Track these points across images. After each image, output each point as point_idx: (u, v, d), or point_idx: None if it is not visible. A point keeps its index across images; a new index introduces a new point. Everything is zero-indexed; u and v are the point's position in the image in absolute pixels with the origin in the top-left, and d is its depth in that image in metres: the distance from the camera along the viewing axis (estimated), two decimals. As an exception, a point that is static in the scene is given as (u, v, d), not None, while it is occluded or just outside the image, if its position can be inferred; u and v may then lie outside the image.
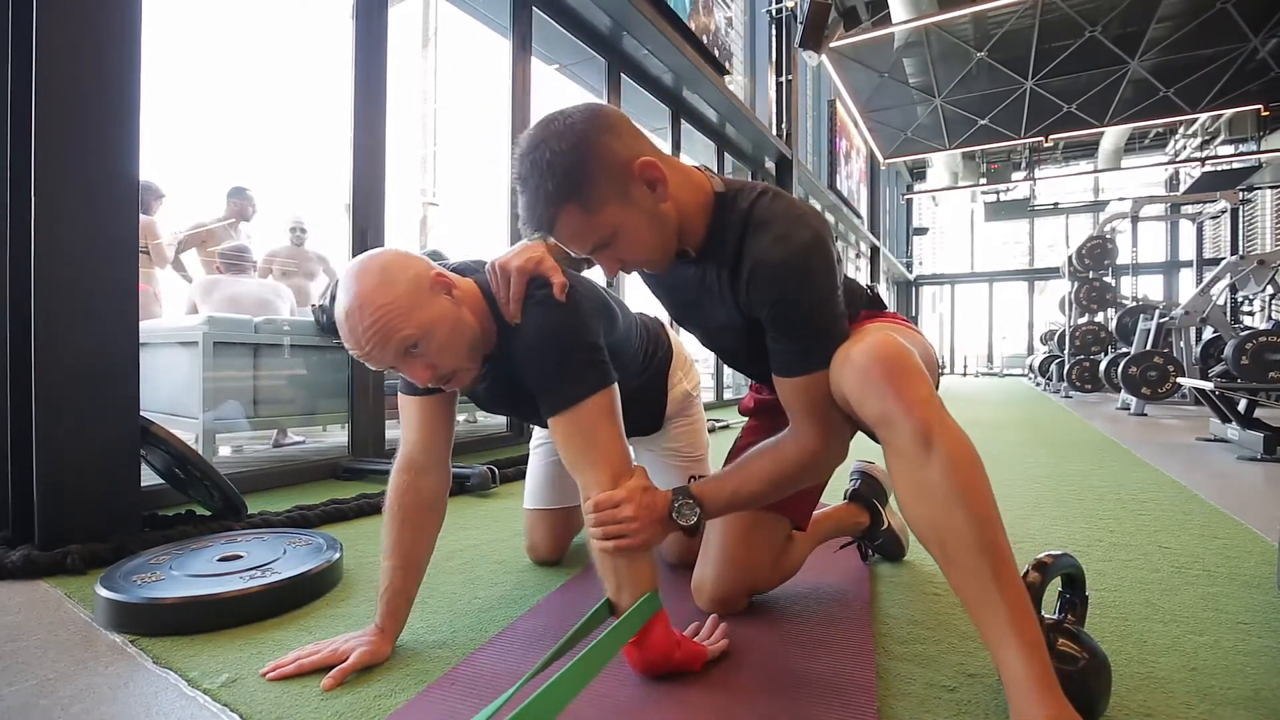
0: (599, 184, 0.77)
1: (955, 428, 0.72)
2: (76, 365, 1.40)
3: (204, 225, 3.48)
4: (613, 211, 0.79)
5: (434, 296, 0.86)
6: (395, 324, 0.82)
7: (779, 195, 0.85)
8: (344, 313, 0.83)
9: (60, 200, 1.38)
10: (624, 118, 0.82)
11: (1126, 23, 9.15)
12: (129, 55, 1.49)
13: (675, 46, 4.36)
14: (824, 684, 0.85)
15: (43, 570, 1.28)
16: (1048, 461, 2.80)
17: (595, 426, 0.86)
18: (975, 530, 0.69)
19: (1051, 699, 0.64)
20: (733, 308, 0.88)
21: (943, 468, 0.70)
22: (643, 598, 0.81)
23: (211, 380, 2.49)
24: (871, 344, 0.76)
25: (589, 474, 0.86)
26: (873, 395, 0.73)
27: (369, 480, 2.32)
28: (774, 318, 0.82)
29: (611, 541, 0.82)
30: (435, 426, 1.02)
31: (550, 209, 0.77)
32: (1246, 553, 1.46)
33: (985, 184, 15.29)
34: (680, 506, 0.87)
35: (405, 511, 0.98)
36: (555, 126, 0.77)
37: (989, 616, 0.68)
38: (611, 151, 0.77)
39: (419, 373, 0.86)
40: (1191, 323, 5.49)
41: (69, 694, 0.83)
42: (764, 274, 0.80)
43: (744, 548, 1.05)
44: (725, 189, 0.88)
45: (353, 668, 0.87)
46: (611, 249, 0.82)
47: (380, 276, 0.83)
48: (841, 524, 1.30)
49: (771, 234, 0.80)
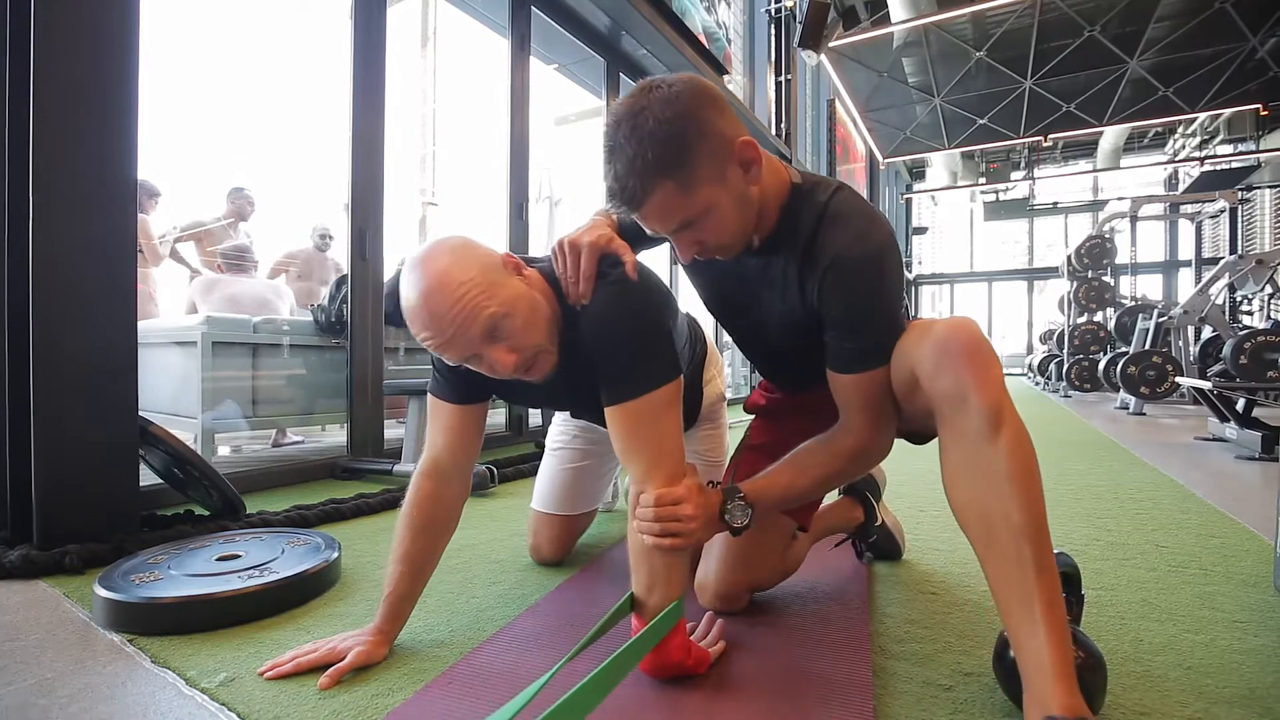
0: (700, 161, 0.75)
1: (1020, 419, 0.73)
2: (75, 365, 1.40)
3: (203, 224, 3.49)
4: (707, 191, 0.76)
5: (508, 276, 0.83)
6: (479, 301, 0.78)
7: (855, 193, 0.85)
8: (420, 296, 0.78)
9: (58, 200, 1.38)
10: (724, 95, 0.79)
11: (1125, 22, 9.16)
12: (127, 55, 1.49)
13: (674, 46, 4.35)
14: (821, 682, 0.85)
15: (41, 570, 1.28)
16: (1046, 461, 2.78)
17: (661, 418, 0.83)
18: (1026, 516, 0.69)
19: (1071, 690, 0.64)
20: (795, 300, 0.87)
21: (1006, 451, 0.70)
22: (670, 606, 0.80)
23: (210, 380, 2.49)
24: (955, 322, 0.76)
25: (648, 467, 0.83)
26: (949, 370, 0.73)
27: (368, 480, 2.32)
28: (845, 314, 0.82)
29: (668, 539, 0.80)
30: (466, 435, 1.00)
31: (647, 182, 0.74)
32: (1244, 551, 1.46)
33: (984, 183, 15.30)
34: (733, 508, 0.86)
35: (424, 519, 0.97)
36: (660, 94, 0.74)
37: (1022, 602, 0.68)
38: (716, 128, 0.75)
39: (503, 357, 0.81)
40: (1190, 322, 5.49)
41: (67, 693, 0.83)
42: (843, 268, 0.80)
43: (751, 548, 1.04)
44: (803, 180, 0.87)
45: (349, 667, 0.87)
46: (694, 230, 0.80)
47: (453, 257, 0.80)
48: (836, 520, 1.31)
49: (852, 230, 0.80)
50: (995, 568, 0.71)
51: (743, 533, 0.88)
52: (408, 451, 2.34)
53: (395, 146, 3.06)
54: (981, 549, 0.72)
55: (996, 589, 0.71)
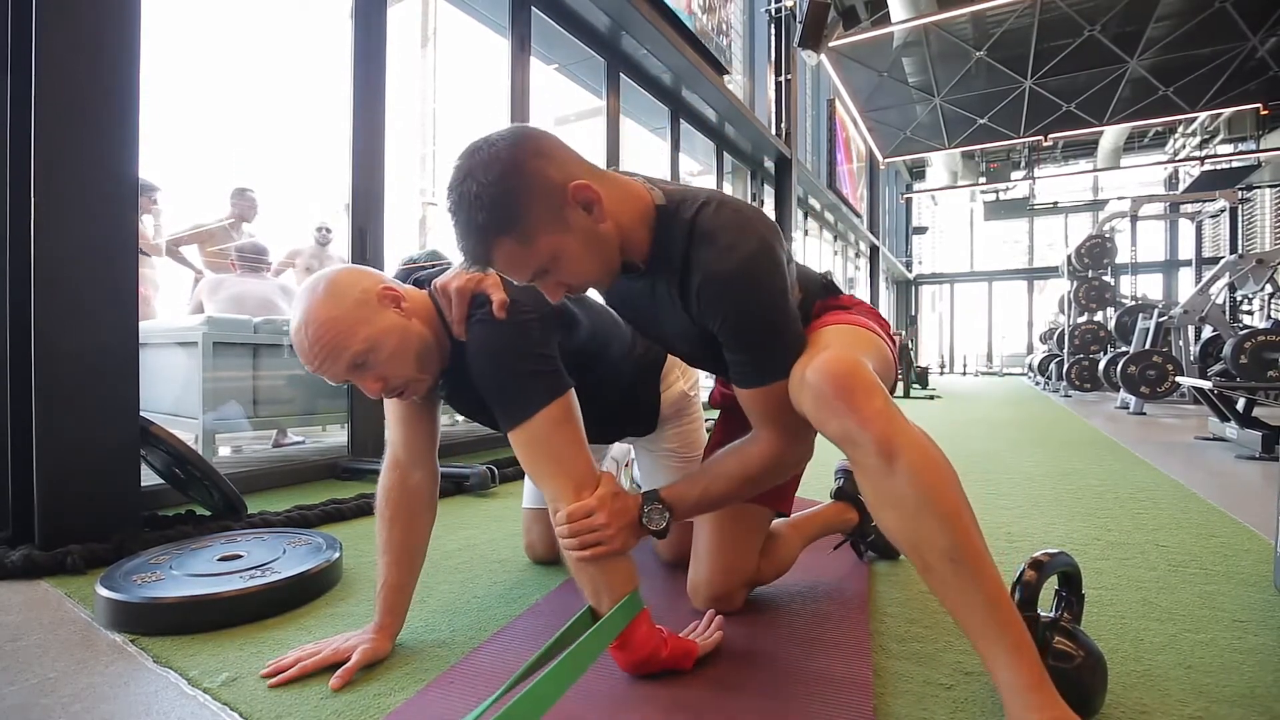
0: (532, 213, 0.74)
1: (915, 434, 0.72)
2: (76, 366, 1.40)
3: (204, 225, 3.50)
4: (548, 239, 0.76)
5: (381, 310, 0.87)
6: (341, 339, 0.83)
7: (723, 204, 0.83)
8: (293, 329, 0.85)
9: (60, 201, 1.38)
10: (553, 138, 0.78)
11: (1125, 22, 9.16)
12: (128, 55, 1.49)
13: (674, 46, 4.36)
14: (821, 682, 0.85)
15: (43, 570, 1.28)
16: (1046, 460, 2.80)
17: (551, 437, 0.86)
18: (947, 533, 0.68)
19: (1046, 700, 0.64)
20: (685, 318, 0.87)
21: (907, 476, 0.69)
22: (622, 600, 0.82)
23: (211, 380, 2.49)
24: (823, 362, 0.74)
25: (552, 486, 0.86)
26: (831, 416, 0.73)
27: (368, 480, 2.33)
28: (726, 331, 0.81)
29: (588, 550, 0.82)
30: (416, 425, 1.03)
31: (484, 243, 0.74)
32: (1244, 551, 1.46)
33: (984, 183, 15.30)
34: (649, 512, 0.87)
35: (394, 508, 1.00)
36: (481, 156, 0.73)
37: (972, 620, 0.68)
38: (544, 177, 0.74)
39: (370, 385, 0.87)
40: (1190, 322, 5.49)
41: (70, 693, 0.83)
42: (712, 288, 0.79)
43: (729, 544, 1.06)
44: (666, 200, 0.85)
45: (358, 666, 0.88)
46: (552, 275, 0.79)
47: (327, 292, 0.84)
48: (830, 523, 1.31)
49: (717, 246, 0.79)
50: (941, 593, 0.71)
51: (664, 535, 0.89)
52: (408, 451, 2.34)
53: (395, 147, 3.07)
54: (923, 574, 0.72)
55: (950, 612, 0.71)
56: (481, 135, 0.76)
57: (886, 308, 14.31)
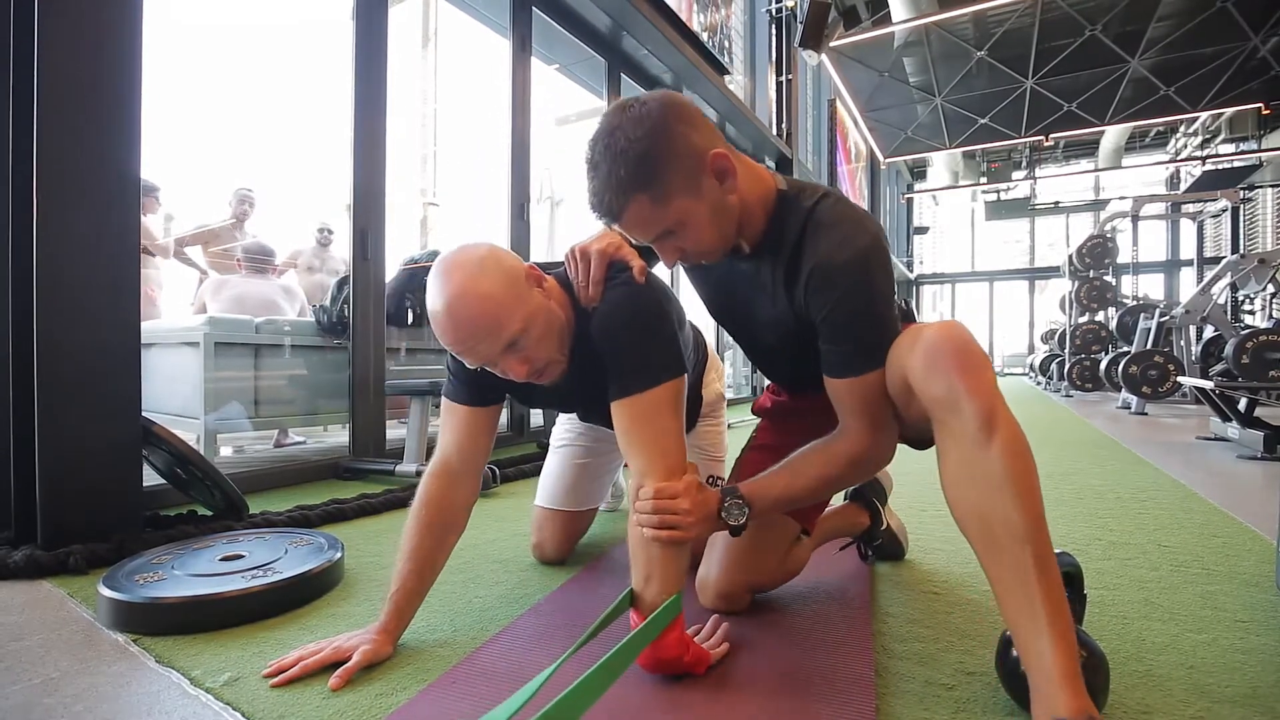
0: (671, 175, 0.78)
1: (1015, 420, 0.73)
2: (78, 366, 1.40)
3: (208, 226, 3.52)
4: (681, 203, 0.79)
5: (530, 289, 0.87)
6: (501, 317, 0.82)
7: (841, 199, 0.87)
8: (444, 304, 0.82)
9: (62, 200, 1.38)
10: (697, 109, 0.82)
11: (1126, 22, 9.14)
12: (130, 55, 1.50)
13: (675, 46, 4.36)
14: (823, 682, 0.85)
15: (45, 570, 1.28)
16: (1048, 460, 2.80)
17: (664, 413, 0.86)
18: (1025, 518, 0.69)
19: (1078, 692, 0.65)
20: (784, 306, 0.89)
21: (1001, 454, 0.71)
22: (668, 600, 0.81)
23: (213, 381, 2.49)
24: (943, 326, 0.77)
25: (645, 459, 0.85)
26: (940, 375, 0.74)
27: (370, 480, 2.33)
28: (831, 319, 0.83)
29: (665, 531, 0.82)
30: (478, 437, 1.02)
31: (621, 197, 0.78)
32: (1246, 551, 1.46)
33: (986, 183, 15.28)
34: (729, 506, 0.87)
35: (432, 518, 0.98)
36: (632, 113, 0.77)
37: (1025, 605, 0.68)
38: (687, 142, 0.78)
39: (515, 367, 0.86)
40: (1192, 321, 5.48)
41: (72, 693, 0.83)
42: (825, 275, 0.82)
43: (752, 550, 1.05)
44: (789, 188, 0.89)
45: (358, 666, 0.87)
46: (675, 239, 0.83)
47: (480, 268, 0.83)
48: (842, 525, 1.31)
49: (835, 236, 0.82)
50: (997, 571, 0.71)
51: (740, 531, 0.89)
52: (410, 452, 2.34)
53: (397, 147, 3.07)
54: (982, 553, 0.73)
55: (999, 593, 0.71)
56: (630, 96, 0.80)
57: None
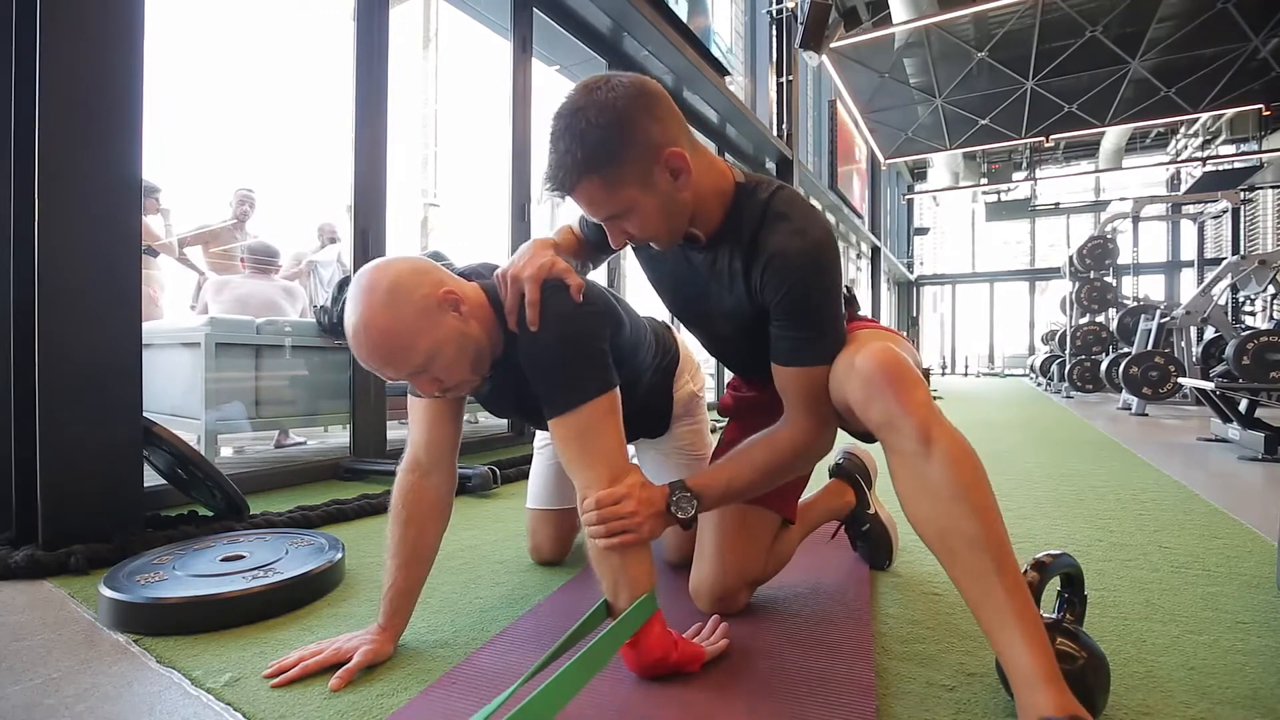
0: (625, 164, 0.80)
1: (953, 428, 0.77)
2: (79, 366, 1.40)
3: (209, 226, 3.53)
4: (631, 192, 0.82)
5: (441, 316, 0.86)
6: (401, 350, 0.84)
7: (795, 193, 0.90)
8: (351, 330, 0.84)
9: (63, 201, 1.38)
10: (666, 100, 0.83)
11: (1127, 23, 9.14)
12: (132, 56, 1.50)
13: (675, 47, 4.36)
14: (823, 683, 0.85)
15: (47, 570, 1.28)
16: (1048, 461, 2.80)
17: (597, 427, 0.86)
18: (976, 524, 0.71)
19: (1057, 690, 0.65)
20: (741, 292, 0.91)
21: (943, 464, 0.73)
22: (639, 599, 0.82)
23: (214, 381, 2.50)
24: (873, 352, 0.80)
25: (588, 473, 0.86)
26: (877, 401, 0.78)
27: (371, 481, 2.33)
28: (784, 305, 0.86)
29: (616, 538, 0.82)
30: (441, 428, 1.03)
31: (573, 176, 0.80)
32: (1246, 552, 1.46)
33: (986, 184, 15.28)
34: (678, 499, 0.88)
35: (409, 510, 0.99)
36: (598, 96, 0.78)
37: (992, 610, 0.69)
38: (646, 135, 0.80)
39: (425, 387, 0.89)
40: (1192, 323, 5.48)
41: (73, 693, 0.84)
42: (782, 262, 0.85)
43: (736, 547, 1.06)
44: (746, 180, 0.92)
45: (359, 667, 0.87)
46: (622, 222, 0.86)
47: (387, 298, 0.83)
48: (829, 507, 1.31)
49: (791, 226, 0.85)
50: (962, 582, 0.73)
51: (691, 524, 0.90)
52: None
53: (397, 147, 3.08)
54: (946, 565, 0.74)
55: (969, 602, 0.72)
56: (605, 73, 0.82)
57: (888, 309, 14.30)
